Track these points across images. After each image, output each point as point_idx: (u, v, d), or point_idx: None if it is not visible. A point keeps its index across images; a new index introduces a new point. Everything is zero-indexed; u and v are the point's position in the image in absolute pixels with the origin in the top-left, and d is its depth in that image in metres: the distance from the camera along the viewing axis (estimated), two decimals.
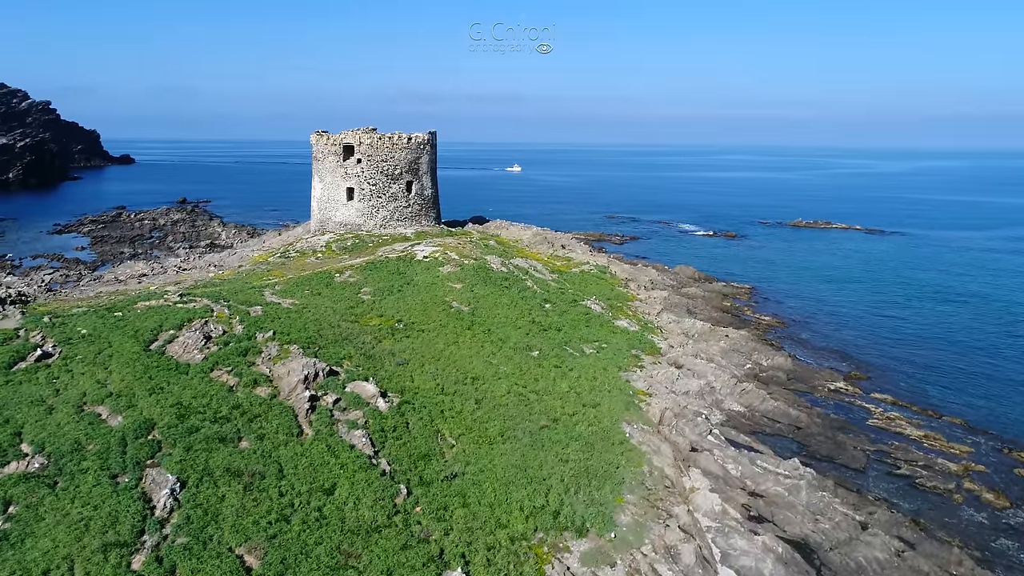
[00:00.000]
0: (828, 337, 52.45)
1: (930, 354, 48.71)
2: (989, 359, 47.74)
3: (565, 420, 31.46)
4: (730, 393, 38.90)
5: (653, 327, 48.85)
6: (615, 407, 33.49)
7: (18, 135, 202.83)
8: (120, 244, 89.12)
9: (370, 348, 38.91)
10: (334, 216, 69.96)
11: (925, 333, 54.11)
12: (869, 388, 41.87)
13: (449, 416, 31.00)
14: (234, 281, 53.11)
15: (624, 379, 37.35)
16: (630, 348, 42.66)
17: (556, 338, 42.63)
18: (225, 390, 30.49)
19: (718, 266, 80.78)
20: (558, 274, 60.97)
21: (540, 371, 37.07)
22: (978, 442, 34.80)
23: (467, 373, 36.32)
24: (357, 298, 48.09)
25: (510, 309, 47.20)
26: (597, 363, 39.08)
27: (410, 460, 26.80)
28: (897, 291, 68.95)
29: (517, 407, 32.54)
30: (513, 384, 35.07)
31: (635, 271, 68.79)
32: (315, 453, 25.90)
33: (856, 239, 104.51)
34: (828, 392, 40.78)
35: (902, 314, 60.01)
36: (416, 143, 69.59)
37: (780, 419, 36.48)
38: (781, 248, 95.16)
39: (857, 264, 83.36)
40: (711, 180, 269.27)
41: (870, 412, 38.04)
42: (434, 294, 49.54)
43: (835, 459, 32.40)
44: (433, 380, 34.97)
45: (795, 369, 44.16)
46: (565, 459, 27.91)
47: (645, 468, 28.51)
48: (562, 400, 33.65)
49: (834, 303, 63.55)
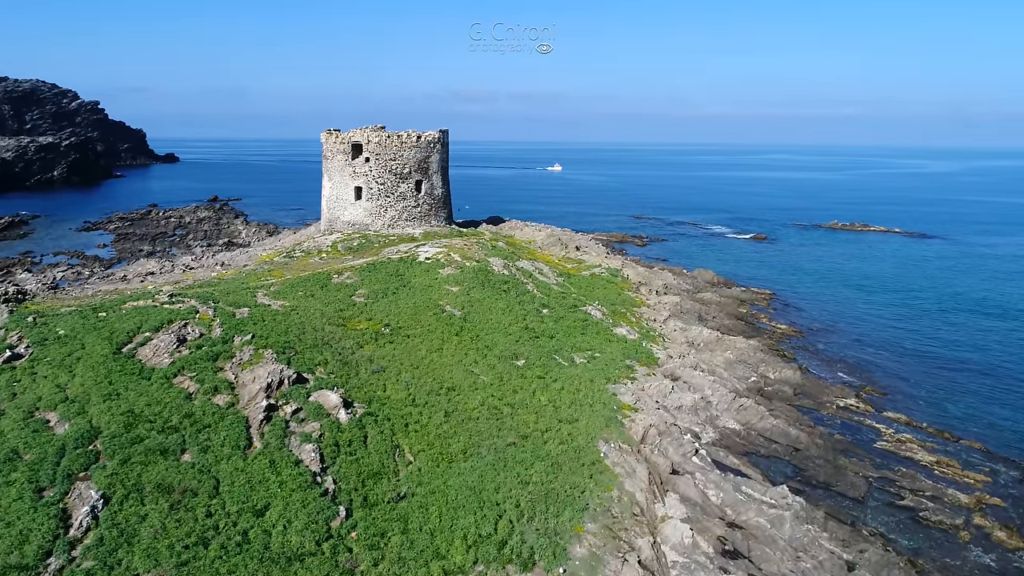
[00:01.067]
0: (846, 349, 49.19)
1: (957, 371, 45.13)
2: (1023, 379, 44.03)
3: (535, 437, 29.49)
4: (727, 409, 36.36)
5: (655, 335, 46.41)
6: (594, 423, 31.37)
7: (63, 135, 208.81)
8: (142, 242, 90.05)
9: (349, 354, 37.51)
10: (342, 216, 69.02)
11: (955, 347, 50.34)
12: (883, 406, 38.78)
13: (413, 430, 29.33)
14: (232, 281, 52.43)
15: (611, 392, 35.15)
16: (624, 358, 40.40)
17: (547, 346, 40.61)
18: (182, 397, 29.37)
19: (742, 270, 77.51)
20: (565, 277, 58.89)
21: (521, 382, 35.14)
22: (997, 470, 31.61)
23: (444, 382, 34.62)
24: (349, 300, 46.82)
25: (504, 314, 45.34)
26: (585, 374, 36.95)
27: (359, 478, 25.21)
28: (931, 300, 64.82)
29: (488, 421, 30.69)
30: (489, 395, 33.23)
31: (650, 275, 66.16)
32: (256, 469, 24.50)
33: (893, 243, 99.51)
34: (836, 410, 37.87)
35: (932, 325, 56.17)
36: (426, 142, 68.18)
37: (778, 439, 33.82)
38: (811, 251, 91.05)
39: (890, 270, 79.00)
40: (752, 180, 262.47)
41: (879, 433, 35.07)
42: (428, 297, 47.99)
43: (832, 486, 29.70)
44: (406, 389, 33.37)
45: (804, 383, 41.27)
46: (526, 481, 25.96)
47: (615, 492, 26.38)
48: (537, 414, 31.67)
49: (859, 312, 59.94)
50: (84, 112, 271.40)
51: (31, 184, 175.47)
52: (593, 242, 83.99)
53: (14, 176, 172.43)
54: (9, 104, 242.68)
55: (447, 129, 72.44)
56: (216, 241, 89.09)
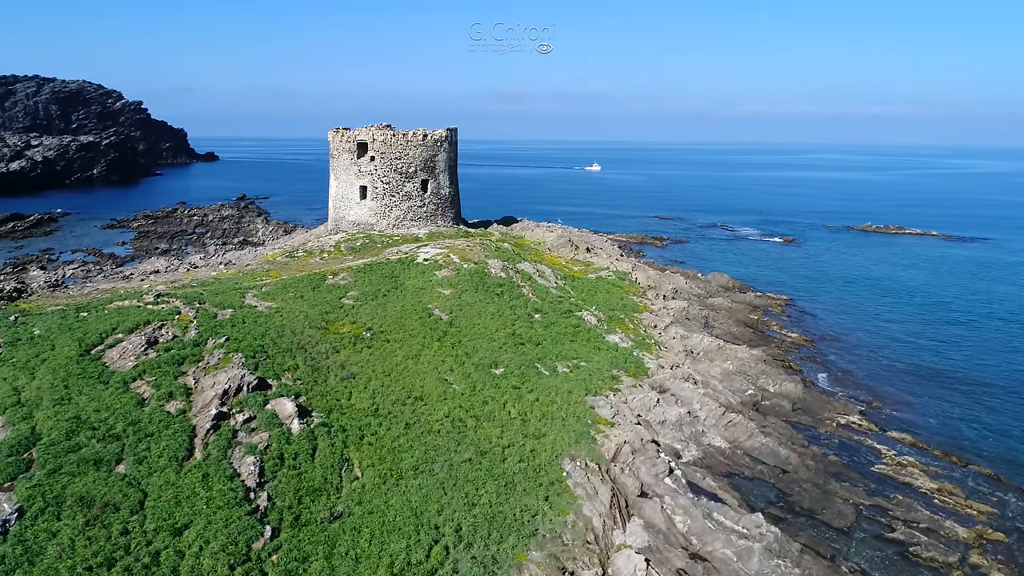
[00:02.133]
0: (859, 361, 46.21)
1: (978, 388, 41.89)
2: None
3: (495, 453, 27.80)
4: (714, 425, 34.10)
5: (651, 343, 44.22)
6: (562, 439, 29.52)
7: (104, 134, 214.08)
8: (160, 240, 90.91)
9: (323, 359, 36.37)
10: (347, 215, 68.25)
11: (979, 362, 46.91)
12: (888, 424, 36.00)
13: (367, 443, 27.93)
14: (226, 281, 51.94)
15: (588, 405, 33.21)
16: (612, 367, 38.38)
17: (530, 354, 38.86)
18: (133, 404, 28.49)
19: (762, 274, 74.39)
20: (568, 280, 56.97)
21: (494, 392, 33.47)
22: (1005, 501, 28.78)
23: (413, 391, 33.18)
24: (338, 303, 45.80)
25: (492, 319, 43.74)
26: (564, 384, 35.08)
27: (296, 495, 23.89)
28: (961, 310, 60.97)
29: (448, 435, 29.12)
30: (457, 406, 31.66)
31: (661, 278, 63.74)
32: (186, 483, 23.37)
33: (929, 246, 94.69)
34: (835, 427, 35.25)
35: (959, 337, 52.62)
36: (432, 140, 66.93)
37: (766, 459, 31.49)
38: (839, 255, 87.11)
39: (921, 276, 74.88)
40: (790, 181, 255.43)
41: (879, 455, 32.42)
42: (419, 300, 46.69)
43: (816, 514, 27.33)
44: (371, 398, 32.04)
45: (805, 397, 38.68)
46: (474, 502, 24.30)
47: (570, 517, 24.54)
48: (503, 428, 29.97)
49: (880, 321, 56.58)
50: (128, 112, 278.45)
51: (71, 182, 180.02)
52: (609, 243, 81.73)
53: (55, 174, 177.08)
54: (56, 104, 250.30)
55: (455, 127, 71.10)
56: (232, 240, 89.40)
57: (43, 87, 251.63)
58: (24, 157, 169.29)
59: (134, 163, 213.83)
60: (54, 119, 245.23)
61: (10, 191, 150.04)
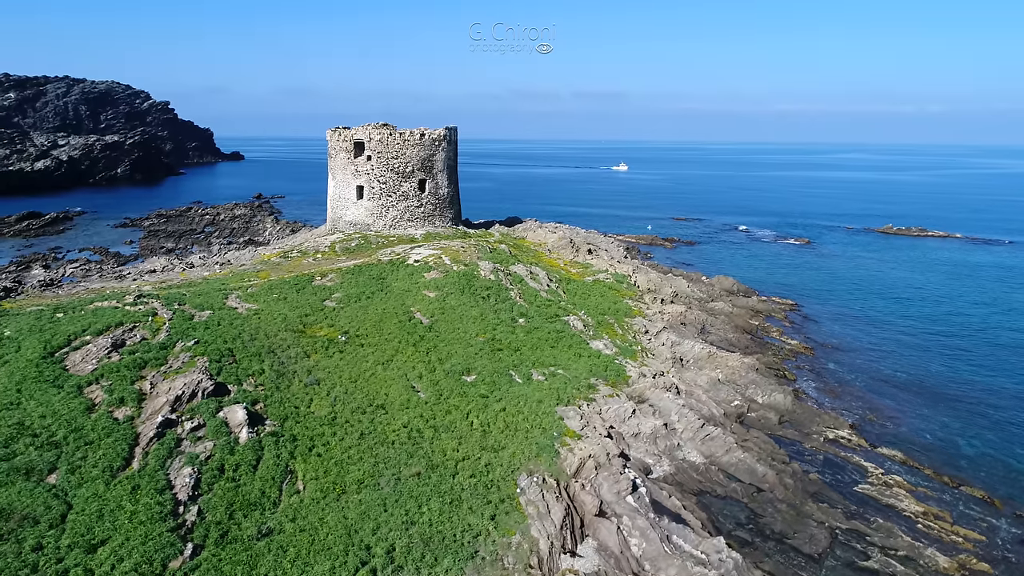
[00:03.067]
0: (859, 370, 44.04)
1: (984, 402, 39.56)
2: None
3: (447, 467, 26.53)
4: (691, 438, 32.45)
5: (637, 350, 42.59)
6: (523, 452, 28.17)
7: (129, 134, 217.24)
8: (167, 239, 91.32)
9: (292, 363, 35.46)
10: (344, 215, 67.52)
11: (990, 371, 44.48)
12: (880, 439, 33.98)
13: (316, 453, 26.86)
14: (214, 282, 51.43)
15: (558, 415, 31.77)
16: (590, 375, 36.88)
17: (507, 360, 37.54)
18: (81, 409, 27.75)
19: (771, 277, 72.06)
20: (563, 283, 55.50)
21: (460, 401, 32.23)
22: (996, 527, 26.73)
23: (376, 399, 32.08)
24: (320, 305, 44.94)
25: (474, 323, 42.52)
26: (535, 393, 33.70)
27: (228, 510, 22.87)
28: (977, 317, 58.20)
29: (402, 446, 27.94)
30: (418, 416, 30.48)
31: (663, 281, 61.92)
32: (114, 495, 22.49)
33: (950, 249, 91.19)
34: (822, 442, 33.34)
35: (971, 344, 50.07)
36: (430, 140, 65.87)
37: (741, 476, 29.77)
38: (855, 258, 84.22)
39: (939, 280, 71.88)
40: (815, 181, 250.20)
41: (865, 473, 30.49)
42: (402, 303, 45.66)
43: (787, 538, 25.60)
44: (332, 406, 31.00)
45: (794, 409, 36.78)
46: (414, 520, 23.07)
47: (516, 538, 23.19)
48: (461, 440, 28.71)
49: (888, 327, 54.15)
50: (155, 112, 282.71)
51: (95, 181, 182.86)
52: (615, 245, 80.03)
53: (80, 173, 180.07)
54: (86, 105, 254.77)
55: (455, 126, 70.01)
56: (237, 239, 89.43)
57: (73, 88, 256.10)
58: (50, 156, 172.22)
59: (158, 162, 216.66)
60: (83, 119, 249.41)
61: (35, 190, 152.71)
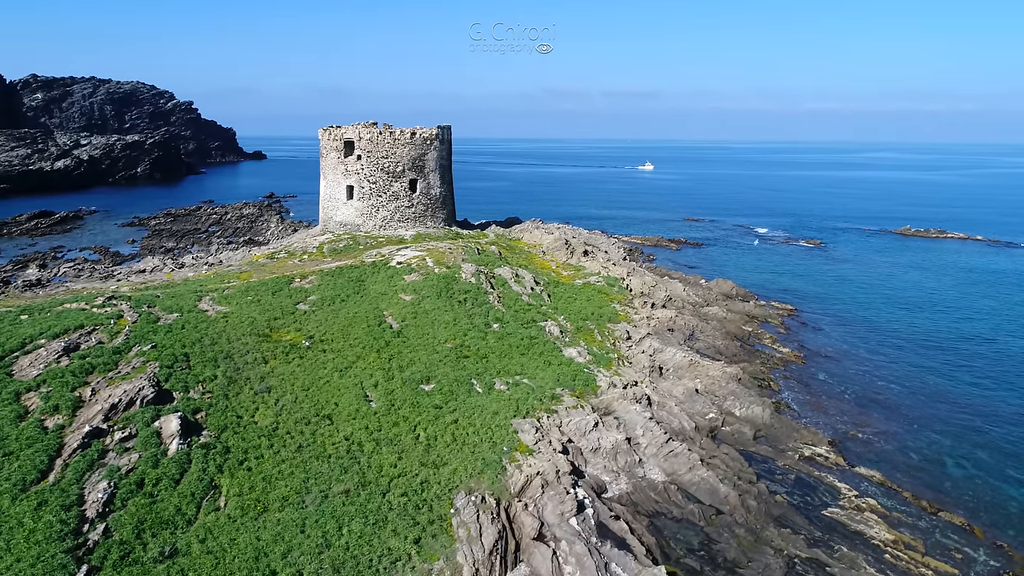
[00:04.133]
0: (851, 382, 41.78)
1: (980, 416, 37.16)
2: None
3: (379, 484, 25.17)
4: (655, 454, 30.70)
5: (614, 357, 40.83)
6: (466, 468, 26.70)
7: (148, 133, 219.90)
8: (171, 238, 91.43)
9: (248, 369, 34.46)
10: (335, 216, 66.61)
11: (992, 385, 41.94)
12: (860, 458, 31.88)
13: (246, 467, 25.70)
14: (192, 283, 50.82)
15: (513, 428, 30.25)
16: (556, 385, 35.27)
17: (471, 368, 36.09)
18: (11, 418, 26.91)
19: (774, 280, 69.60)
20: (551, 286, 53.85)
21: (411, 412, 30.87)
22: (972, 558, 24.60)
23: (324, 408, 30.88)
24: (292, 308, 44.04)
25: (446, 328, 41.19)
26: (493, 405, 32.20)
27: (137, 528, 21.73)
28: (987, 325, 55.35)
29: (339, 460, 26.64)
30: (363, 427, 29.19)
31: (658, 284, 59.95)
32: (16, 512, 21.48)
33: (969, 252, 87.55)
34: (796, 460, 31.34)
35: (976, 355, 47.41)
36: (421, 139, 64.66)
37: (703, 496, 27.98)
38: (866, 261, 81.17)
39: (951, 285, 68.77)
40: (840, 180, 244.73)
41: (837, 495, 28.48)
42: (375, 306, 44.53)
43: (740, 567, 23.78)
44: (277, 415, 29.87)
45: (772, 424, 34.79)
46: (330, 543, 21.73)
47: (439, 564, 21.74)
48: (402, 455, 27.33)
49: (890, 335, 51.60)
50: (179, 112, 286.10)
51: (115, 180, 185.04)
52: (616, 246, 78.12)
53: (100, 172, 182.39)
54: (111, 105, 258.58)
55: (448, 125, 68.74)
56: (238, 239, 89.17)
57: (99, 88, 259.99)
58: (70, 156, 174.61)
59: (178, 161, 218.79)
60: (108, 119, 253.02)
61: (54, 189, 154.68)
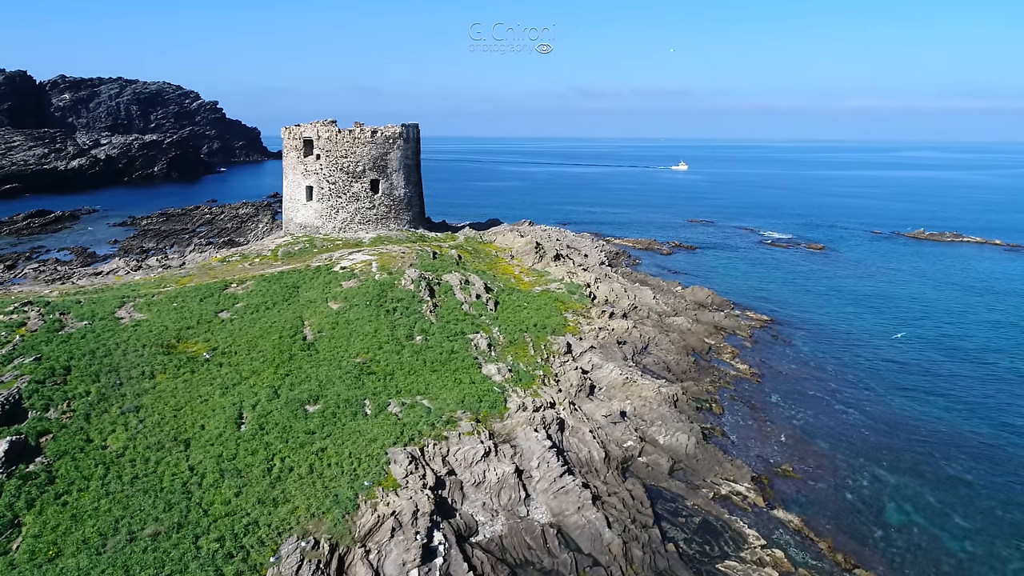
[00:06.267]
0: (804, 404, 37.76)
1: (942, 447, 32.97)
2: None
3: (199, 525, 22.38)
4: (546, 489, 27.41)
5: (540, 375, 37.47)
6: (309, 507, 23.79)
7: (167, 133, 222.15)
8: (154, 238, 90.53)
9: (129, 385, 32.30)
10: (295, 217, 64.40)
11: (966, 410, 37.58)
12: (783, 497, 28.12)
13: (63, 501, 23.20)
14: (125, 287, 49.02)
15: (386, 459, 27.24)
16: (458, 407, 32.12)
17: (368, 387, 33.22)
18: None
19: (759, 288, 65.22)
20: (503, 293, 50.66)
21: (278, 437, 28.08)
22: None
23: (186, 432, 28.33)
24: (212, 316, 41.94)
25: (362, 340, 38.49)
26: (375, 430, 29.23)
27: None
28: (980, 338, 50.51)
29: (169, 494, 23.96)
30: (216, 455, 26.51)
31: (626, 292, 56.37)
32: None
33: (983, 258, 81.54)
34: (707, 500, 27.71)
35: (958, 376, 42.89)
36: (383, 138, 62.00)
37: (583, 543, 24.63)
38: (867, 267, 76.02)
39: (954, 294, 63.54)
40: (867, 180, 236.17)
41: (741, 543, 24.83)
42: (298, 315, 42.13)
43: None
44: (130, 439, 27.39)
45: (695, 454, 31.15)
46: None
47: None
48: (242, 489, 24.53)
49: (868, 350, 47.19)
50: (203, 111, 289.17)
51: (131, 179, 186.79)
52: (596, 250, 74.57)
53: (117, 171, 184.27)
54: (137, 105, 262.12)
55: (416, 124, 66.02)
56: (219, 240, 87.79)
57: (125, 88, 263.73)
58: (87, 155, 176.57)
59: (195, 160, 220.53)
60: (134, 119, 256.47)
61: (67, 187, 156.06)
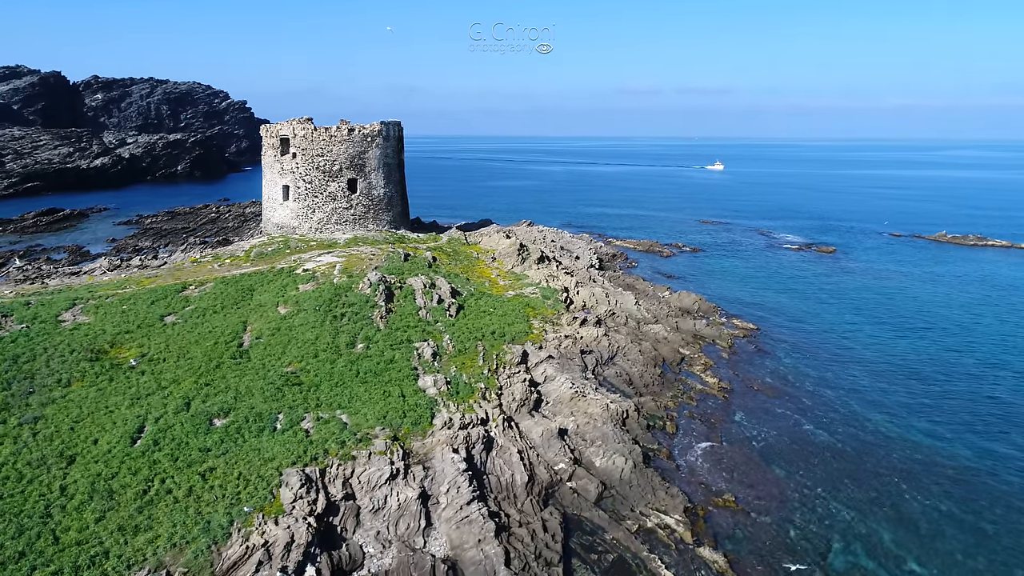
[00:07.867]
0: (771, 424, 34.68)
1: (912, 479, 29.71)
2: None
3: (43, 555, 20.50)
4: (451, 518, 25.04)
5: (482, 387, 35.04)
6: (172, 535, 21.81)
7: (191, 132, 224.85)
8: (151, 237, 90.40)
9: (41, 393, 31.26)
10: (272, 217, 63.00)
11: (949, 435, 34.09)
12: (715, 532, 25.28)
13: None
14: (82, 289, 48.17)
15: (279, 481, 25.16)
16: (378, 423, 29.92)
17: (288, 399, 31.28)
18: None
19: (755, 294, 61.77)
20: (472, 298, 48.38)
21: (168, 454, 26.22)
22: None
23: (75, 446, 26.78)
24: (155, 319, 40.76)
25: (299, 348, 36.76)
26: (276, 448, 27.18)
27: None
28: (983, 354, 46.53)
29: (25, 519, 22.20)
30: (96, 473, 24.78)
31: (607, 298, 53.65)
32: None
33: (1006, 263, 76.15)
34: (629, 534, 25.02)
35: (950, 396, 39.27)
36: (361, 136, 60.21)
37: None
38: (877, 272, 71.69)
39: (966, 303, 59.04)
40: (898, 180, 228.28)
41: None
42: (243, 320, 40.63)
43: None
44: (12, 454, 25.83)
45: (629, 480, 28.44)
46: None
47: None
48: (105, 513, 22.65)
49: (856, 365, 43.63)
50: (232, 111, 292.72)
51: (154, 177, 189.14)
52: (589, 252, 71.92)
53: (141, 170, 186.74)
54: (167, 105, 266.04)
55: (397, 121, 64.06)
56: (212, 240, 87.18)
57: (156, 88, 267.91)
58: (111, 154, 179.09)
59: (219, 159, 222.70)
60: (164, 118, 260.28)
61: (89, 186, 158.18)
